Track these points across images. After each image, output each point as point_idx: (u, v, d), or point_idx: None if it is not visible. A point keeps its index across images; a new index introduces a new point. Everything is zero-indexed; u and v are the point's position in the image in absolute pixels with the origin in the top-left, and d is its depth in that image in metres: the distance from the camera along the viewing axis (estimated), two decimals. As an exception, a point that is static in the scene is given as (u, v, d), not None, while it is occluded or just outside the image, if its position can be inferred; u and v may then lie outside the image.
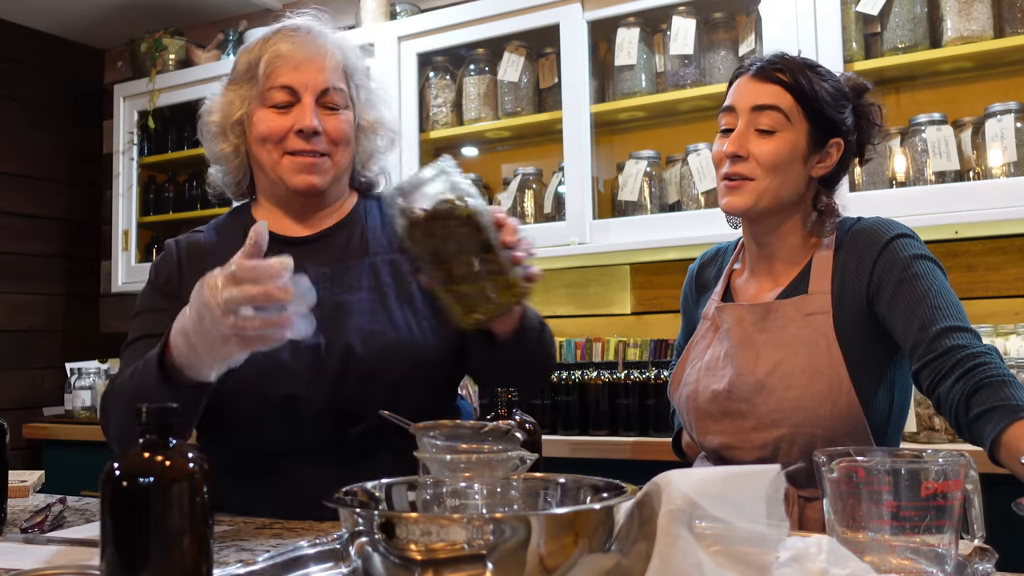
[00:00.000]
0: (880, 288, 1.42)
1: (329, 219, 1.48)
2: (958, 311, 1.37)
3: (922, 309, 1.36)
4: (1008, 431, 1.20)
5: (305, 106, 1.39)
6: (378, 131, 1.51)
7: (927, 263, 1.42)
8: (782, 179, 1.46)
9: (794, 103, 1.46)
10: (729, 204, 1.49)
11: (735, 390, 1.47)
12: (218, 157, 1.49)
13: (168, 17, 3.65)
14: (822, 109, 1.47)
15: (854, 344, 1.42)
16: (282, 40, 1.42)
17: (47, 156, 3.87)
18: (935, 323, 1.34)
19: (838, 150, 1.50)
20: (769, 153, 1.45)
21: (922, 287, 1.39)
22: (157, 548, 0.73)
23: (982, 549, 0.88)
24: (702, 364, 1.55)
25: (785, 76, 1.46)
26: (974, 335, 1.34)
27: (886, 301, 1.41)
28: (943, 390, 1.31)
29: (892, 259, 1.43)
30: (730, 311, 1.54)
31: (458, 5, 2.92)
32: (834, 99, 1.49)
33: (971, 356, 1.29)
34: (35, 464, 3.28)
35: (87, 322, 3.99)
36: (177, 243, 1.50)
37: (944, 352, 1.31)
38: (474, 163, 3.16)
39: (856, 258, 1.46)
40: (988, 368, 1.27)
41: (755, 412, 1.45)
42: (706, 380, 1.52)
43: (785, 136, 1.45)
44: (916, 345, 1.35)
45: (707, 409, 1.51)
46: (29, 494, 1.56)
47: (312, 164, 1.40)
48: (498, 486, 0.87)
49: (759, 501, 0.77)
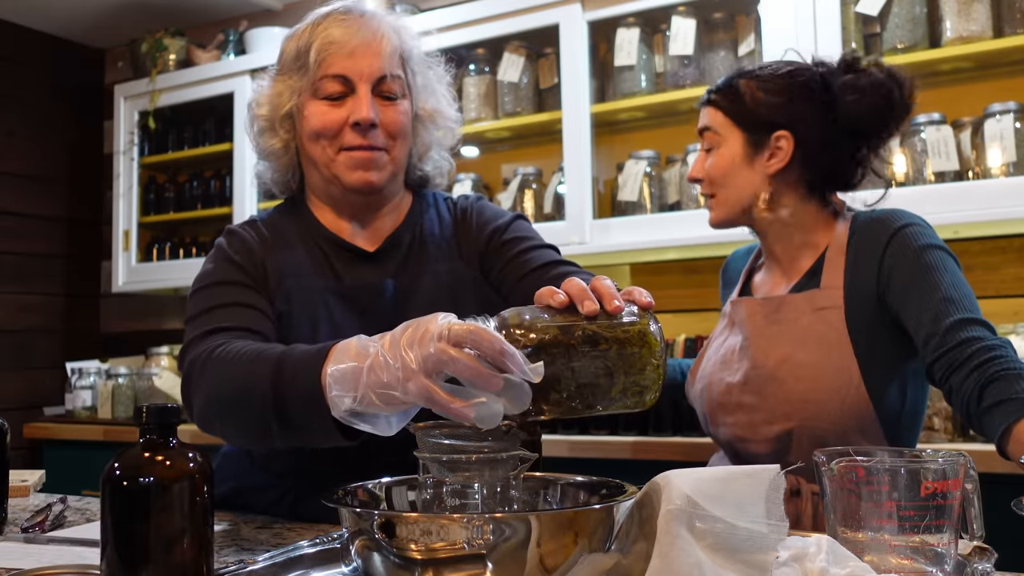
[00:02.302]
0: (891, 280, 1.42)
1: (387, 220, 1.40)
2: (971, 303, 1.36)
3: (935, 301, 1.36)
4: (1019, 424, 1.20)
5: (361, 97, 1.29)
6: (437, 121, 1.41)
7: (939, 253, 1.42)
8: (732, 187, 1.55)
9: (724, 118, 1.55)
10: (709, 220, 1.62)
11: (749, 382, 1.48)
12: (267, 153, 1.40)
13: (169, 17, 3.65)
14: (750, 114, 1.52)
15: (865, 338, 1.42)
16: (333, 25, 1.31)
17: (47, 156, 3.87)
18: (948, 315, 1.34)
19: (787, 141, 1.51)
20: (712, 168, 1.57)
21: (934, 278, 1.38)
22: (157, 548, 0.73)
23: (981, 548, 0.88)
24: (717, 358, 1.58)
25: (717, 96, 1.56)
26: (988, 327, 1.33)
27: (898, 293, 1.40)
28: (956, 381, 1.30)
29: (901, 250, 1.42)
30: (744, 305, 1.56)
31: (458, 5, 2.92)
32: (770, 97, 1.51)
33: (986, 348, 1.29)
34: (36, 464, 3.28)
35: (87, 322, 4.00)
36: (245, 230, 1.38)
37: (958, 344, 1.31)
38: (474, 163, 3.16)
39: (865, 251, 1.46)
40: (1003, 361, 1.27)
41: (766, 404, 1.46)
42: (720, 373, 1.55)
43: (721, 151, 1.55)
44: (929, 338, 1.34)
45: (721, 401, 1.53)
46: (30, 494, 1.56)
47: (369, 159, 1.31)
48: (498, 486, 0.87)
49: (759, 501, 0.77)
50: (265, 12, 3.62)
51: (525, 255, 1.36)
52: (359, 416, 0.92)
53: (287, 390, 1.00)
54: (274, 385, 1.02)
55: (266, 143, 1.39)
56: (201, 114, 3.52)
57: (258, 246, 1.35)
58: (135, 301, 3.90)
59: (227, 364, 1.11)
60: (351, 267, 1.36)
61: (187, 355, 1.21)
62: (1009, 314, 2.40)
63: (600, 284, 0.91)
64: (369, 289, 1.33)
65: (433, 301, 1.33)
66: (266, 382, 1.02)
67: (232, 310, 1.25)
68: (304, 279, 1.33)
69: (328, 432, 0.98)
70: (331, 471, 1.06)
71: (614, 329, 0.88)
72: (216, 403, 1.11)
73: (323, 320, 1.31)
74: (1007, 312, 2.40)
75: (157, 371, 3.36)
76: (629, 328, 0.89)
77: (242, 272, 1.31)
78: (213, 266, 1.33)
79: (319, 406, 0.95)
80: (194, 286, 1.32)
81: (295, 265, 1.34)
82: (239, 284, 1.29)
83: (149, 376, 3.34)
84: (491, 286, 1.38)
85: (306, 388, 0.97)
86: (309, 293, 1.32)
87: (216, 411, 1.12)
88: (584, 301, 0.88)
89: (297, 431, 1.02)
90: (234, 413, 1.09)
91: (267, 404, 1.02)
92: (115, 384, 3.35)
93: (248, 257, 1.33)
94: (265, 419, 1.04)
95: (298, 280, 1.32)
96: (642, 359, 0.88)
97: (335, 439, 0.99)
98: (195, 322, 1.25)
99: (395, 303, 1.33)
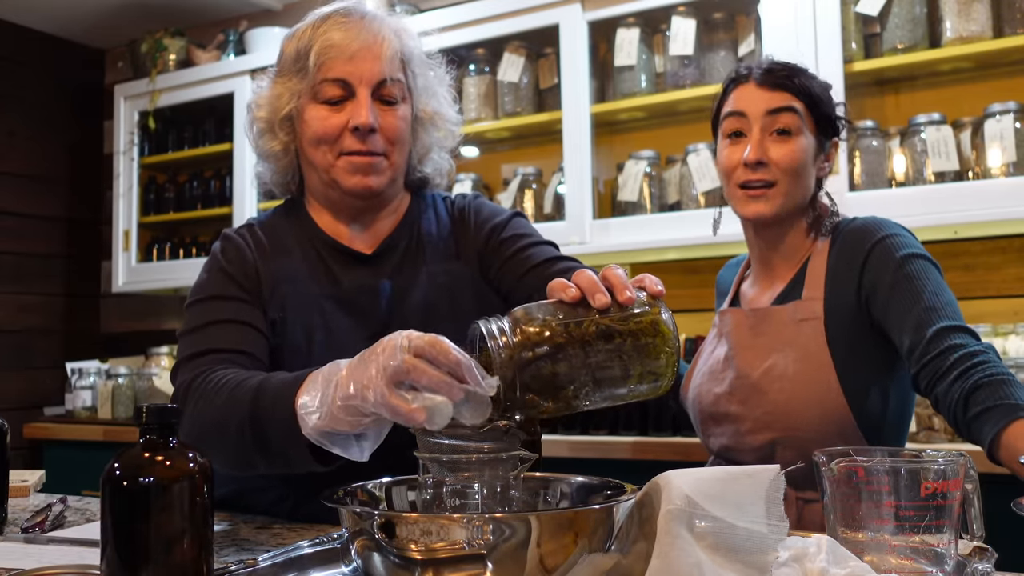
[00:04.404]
0: (874, 291, 1.41)
1: (385, 222, 1.39)
2: (953, 310, 1.36)
3: (917, 310, 1.35)
4: (1007, 430, 1.20)
5: (360, 101, 1.28)
6: (436, 123, 1.40)
7: (920, 262, 1.41)
8: (800, 181, 1.48)
9: (804, 107, 1.48)
10: (756, 211, 1.49)
11: (734, 393, 1.48)
12: (266, 155, 1.40)
13: (169, 17, 3.65)
14: (829, 112, 1.50)
15: (846, 349, 1.42)
16: (334, 27, 1.30)
17: (47, 156, 3.87)
18: (931, 324, 1.33)
19: (836, 149, 1.54)
20: (789, 156, 1.46)
21: (916, 287, 1.37)
22: (157, 548, 0.73)
23: (981, 549, 0.88)
24: (706, 369, 1.58)
25: (793, 81, 1.48)
26: (971, 334, 1.33)
27: (881, 304, 1.40)
28: (941, 390, 1.30)
29: (883, 261, 1.41)
30: (730, 316, 1.56)
31: (458, 5, 2.92)
32: (829, 100, 1.52)
33: (969, 355, 1.29)
34: (36, 464, 3.28)
35: (87, 322, 4.00)
36: (241, 235, 1.37)
37: (941, 352, 1.31)
38: (474, 163, 3.16)
39: (845, 261, 1.45)
40: (986, 367, 1.27)
41: (751, 414, 1.46)
42: (708, 384, 1.55)
43: (801, 139, 1.48)
44: (913, 347, 1.34)
45: (710, 412, 1.53)
46: (30, 494, 1.56)
47: (369, 164, 1.30)
48: (498, 486, 0.87)
49: (759, 501, 0.77)
50: (265, 12, 3.62)
51: (524, 252, 1.35)
52: (330, 437, 0.93)
53: (264, 418, 1.03)
54: (251, 414, 1.05)
55: (266, 145, 1.38)
56: (201, 114, 3.52)
57: (253, 253, 1.35)
58: (135, 301, 3.90)
59: (209, 395, 1.14)
60: (348, 270, 1.35)
61: (176, 376, 1.24)
62: (1009, 314, 2.40)
63: (611, 274, 0.91)
64: (366, 291, 1.33)
65: (430, 302, 1.34)
66: (245, 412, 1.06)
67: (225, 328, 1.26)
68: (300, 285, 1.33)
69: (304, 458, 1.00)
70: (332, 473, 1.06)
71: (627, 321, 0.88)
72: (199, 434, 1.13)
73: (318, 327, 1.31)
74: (1007, 312, 2.40)
75: (157, 371, 3.37)
76: (642, 319, 0.89)
77: (236, 284, 1.31)
78: (207, 277, 1.34)
79: (294, 432, 0.97)
80: (189, 298, 1.33)
81: (291, 271, 1.34)
82: (233, 299, 1.30)
83: (149, 376, 3.34)
84: (490, 284, 1.38)
85: (282, 415, 0.99)
86: (304, 299, 1.32)
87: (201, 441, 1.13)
88: (595, 294, 0.88)
89: (276, 458, 1.06)
90: (218, 443, 1.11)
91: (246, 433, 1.06)
92: (115, 384, 3.35)
93: (242, 267, 1.33)
94: (246, 448, 1.07)
95: (294, 286, 1.32)
96: (656, 348, 0.89)
97: (311, 465, 1.01)
98: (188, 338, 1.27)
99: (392, 304, 1.33)
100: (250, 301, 1.30)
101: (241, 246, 1.35)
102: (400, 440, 0.95)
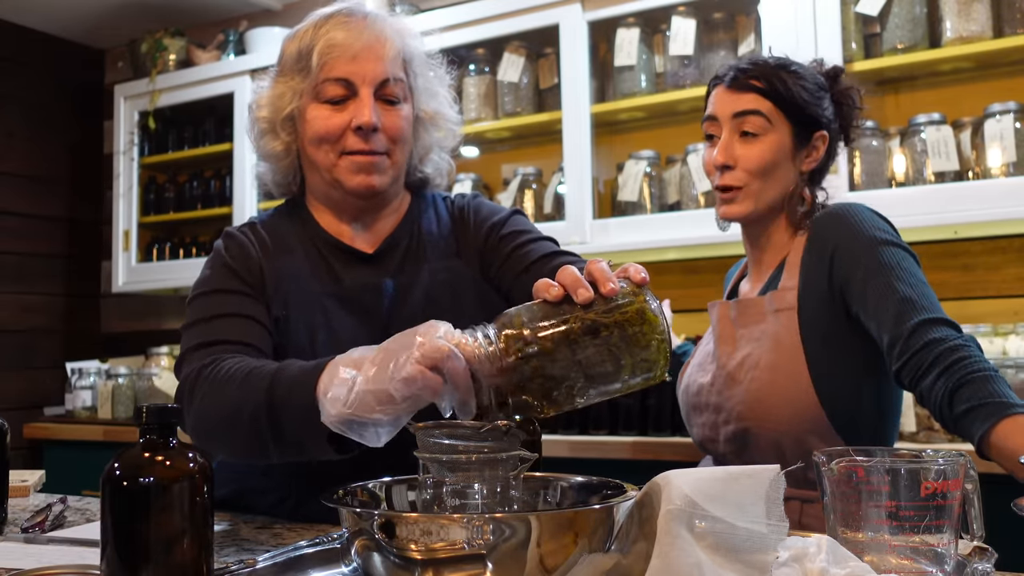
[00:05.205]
0: (847, 283, 1.40)
1: (386, 221, 1.40)
2: (930, 300, 1.34)
3: (893, 303, 1.34)
4: (996, 429, 1.20)
5: (363, 100, 1.29)
6: (437, 123, 1.41)
7: (890, 249, 1.39)
8: (772, 181, 1.49)
9: (773, 107, 1.48)
10: (726, 213, 1.53)
11: (715, 383, 1.50)
12: (268, 155, 1.39)
13: (169, 17, 3.65)
14: (803, 108, 1.49)
15: (819, 340, 1.41)
16: (336, 27, 1.31)
17: (47, 156, 3.87)
18: (909, 318, 1.32)
19: (823, 142, 1.53)
20: (756, 158, 1.48)
21: (888, 278, 1.36)
22: (157, 548, 0.73)
23: (981, 549, 0.88)
24: (696, 361, 1.61)
25: (760, 83, 1.48)
26: (950, 325, 1.32)
27: (857, 297, 1.39)
28: (925, 386, 1.29)
29: (850, 250, 1.40)
30: (717, 308, 1.57)
31: (458, 5, 2.92)
32: (812, 94, 1.50)
33: (950, 350, 1.28)
34: (36, 464, 3.28)
35: (88, 322, 4.00)
36: (244, 233, 1.37)
37: (922, 347, 1.30)
38: (474, 163, 3.16)
39: (816, 251, 1.45)
40: (969, 362, 1.26)
41: (727, 405, 1.47)
42: (695, 375, 1.57)
43: (769, 139, 1.48)
44: (893, 343, 1.33)
45: (693, 402, 1.56)
46: (30, 494, 1.56)
47: (371, 163, 1.31)
48: (498, 486, 0.87)
49: (759, 501, 0.77)
50: (265, 12, 3.62)
51: (524, 248, 1.36)
52: (349, 425, 0.93)
53: (282, 405, 1.03)
54: (268, 401, 1.04)
55: (267, 145, 1.38)
56: (201, 114, 3.52)
57: (256, 250, 1.35)
58: (135, 301, 3.90)
59: (220, 383, 1.13)
60: (350, 269, 1.36)
61: (181, 368, 1.23)
62: (1009, 314, 2.40)
63: (594, 267, 0.91)
64: (369, 290, 1.33)
65: (432, 300, 1.34)
66: (261, 398, 1.05)
67: (228, 321, 1.26)
68: (302, 283, 1.33)
69: (321, 446, 1.01)
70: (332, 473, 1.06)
71: (612, 313, 0.88)
72: (211, 421, 1.13)
73: (320, 325, 1.31)
74: (1007, 312, 2.40)
75: (157, 371, 3.36)
76: (627, 309, 0.88)
77: (239, 279, 1.31)
78: (211, 272, 1.33)
79: (312, 420, 0.96)
80: (192, 292, 1.33)
81: (294, 269, 1.34)
82: (236, 292, 1.30)
83: (149, 376, 3.34)
84: (490, 282, 1.38)
85: (300, 402, 0.99)
86: (307, 297, 1.32)
87: (211, 429, 1.14)
88: (578, 290, 0.88)
89: (291, 446, 1.05)
90: (229, 431, 1.10)
91: (261, 420, 1.05)
92: (115, 384, 3.35)
93: (245, 263, 1.33)
94: (260, 435, 1.06)
95: (296, 284, 1.33)
96: (645, 337, 0.88)
97: (327, 453, 1.01)
98: (191, 331, 1.26)
99: (394, 303, 1.33)
100: (254, 296, 1.30)
101: (244, 243, 1.35)
102: (400, 440, 0.95)
